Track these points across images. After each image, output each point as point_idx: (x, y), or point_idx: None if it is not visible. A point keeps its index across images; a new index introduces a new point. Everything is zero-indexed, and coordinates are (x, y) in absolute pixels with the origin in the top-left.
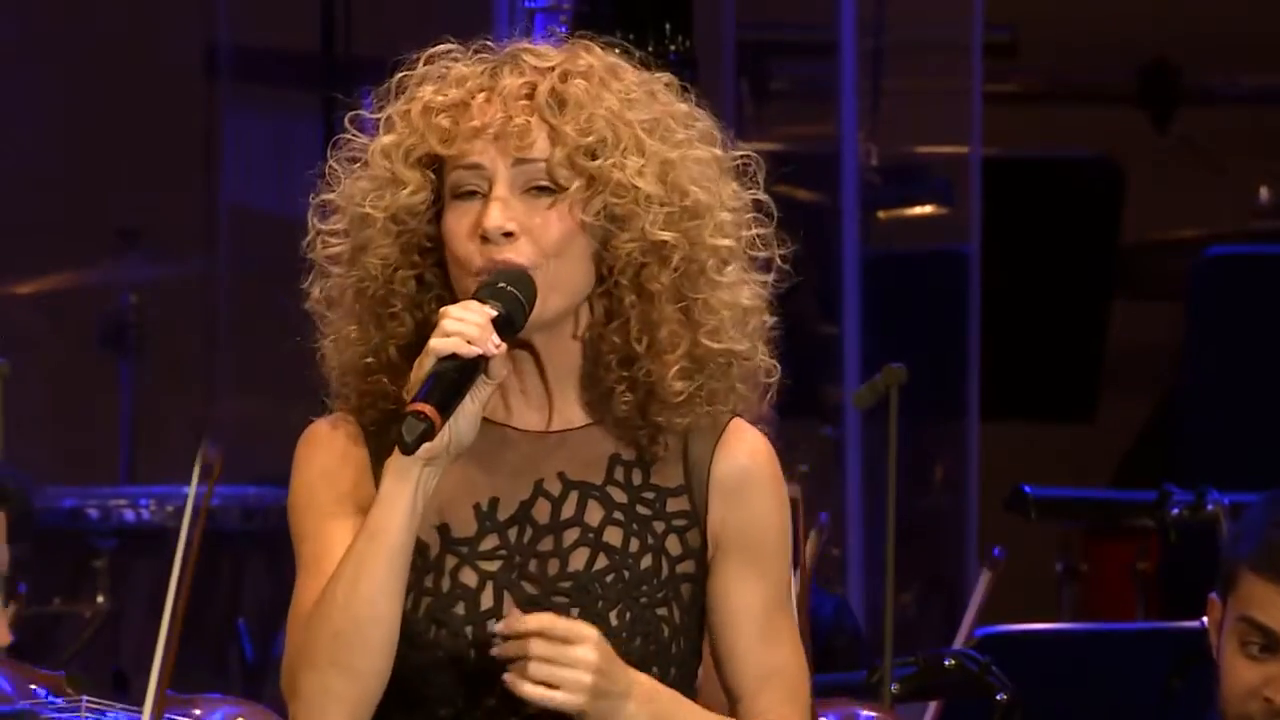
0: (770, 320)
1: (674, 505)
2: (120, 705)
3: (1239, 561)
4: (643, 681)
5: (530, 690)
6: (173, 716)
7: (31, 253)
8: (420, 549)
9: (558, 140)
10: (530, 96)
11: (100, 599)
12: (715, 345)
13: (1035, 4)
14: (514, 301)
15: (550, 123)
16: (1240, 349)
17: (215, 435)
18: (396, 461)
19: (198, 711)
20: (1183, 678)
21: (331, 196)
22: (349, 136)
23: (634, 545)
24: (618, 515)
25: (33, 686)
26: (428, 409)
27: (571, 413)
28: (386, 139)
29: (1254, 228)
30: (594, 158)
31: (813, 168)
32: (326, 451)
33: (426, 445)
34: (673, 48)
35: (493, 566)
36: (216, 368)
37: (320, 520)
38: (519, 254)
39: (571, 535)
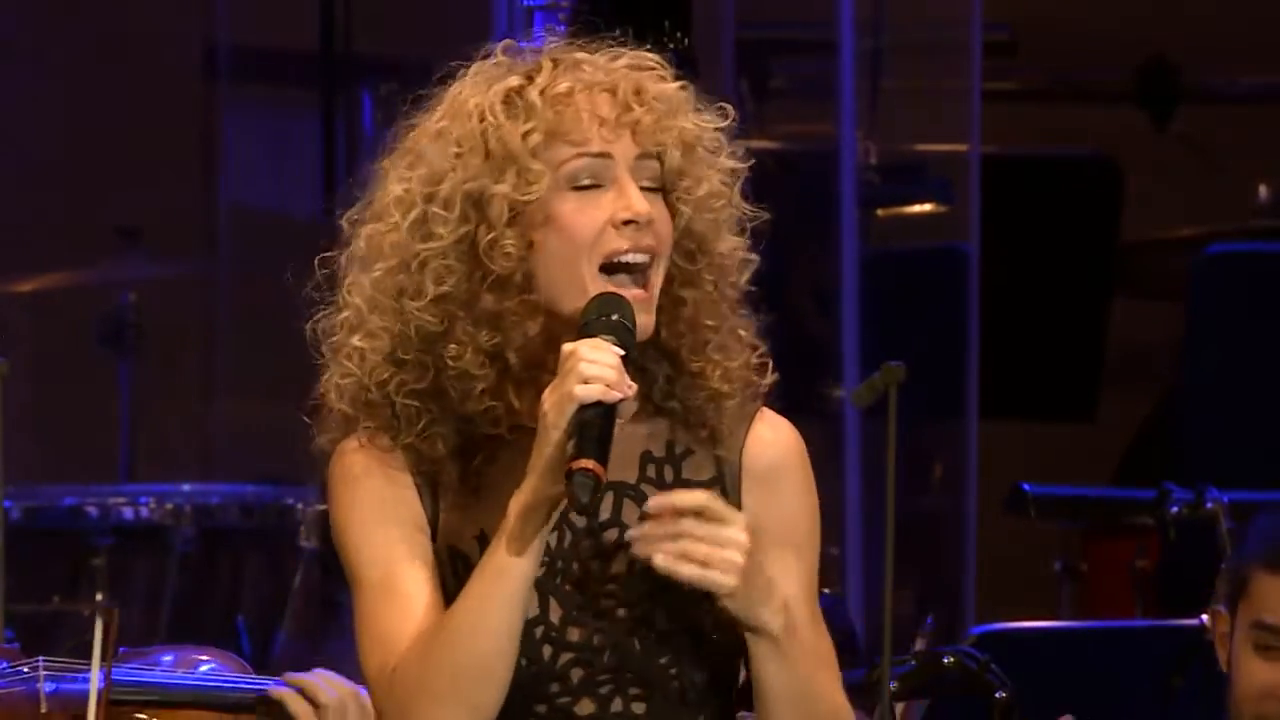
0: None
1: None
2: (79, 662)
3: (1250, 564)
4: (780, 590)
5: (686, 570)
6: (138, 666)
7: (31, 251)
8: (463, 560)
9: (680, 142)
10: (639, 94)
11: (99, 597)
12: (753, 343)
13: (1034, 3)
14: (625, 332)
15: (668, 121)
16: (1240, 347)
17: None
18: (525, 501)
19: (169, 657)
20: (1182, 676)
21: (413, 185)
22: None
23: None
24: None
25: None
26: (593, 465)
27: None
28: (516, 126)
29: (1253, 226)
30: (705, 163)
31: (812, 166)
32: (364, 469)
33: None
34: (671, 46)
35: (538, 573)
36: (215, 367)
37: (377, 541)
38: (654, 240)
39: (611, 536)
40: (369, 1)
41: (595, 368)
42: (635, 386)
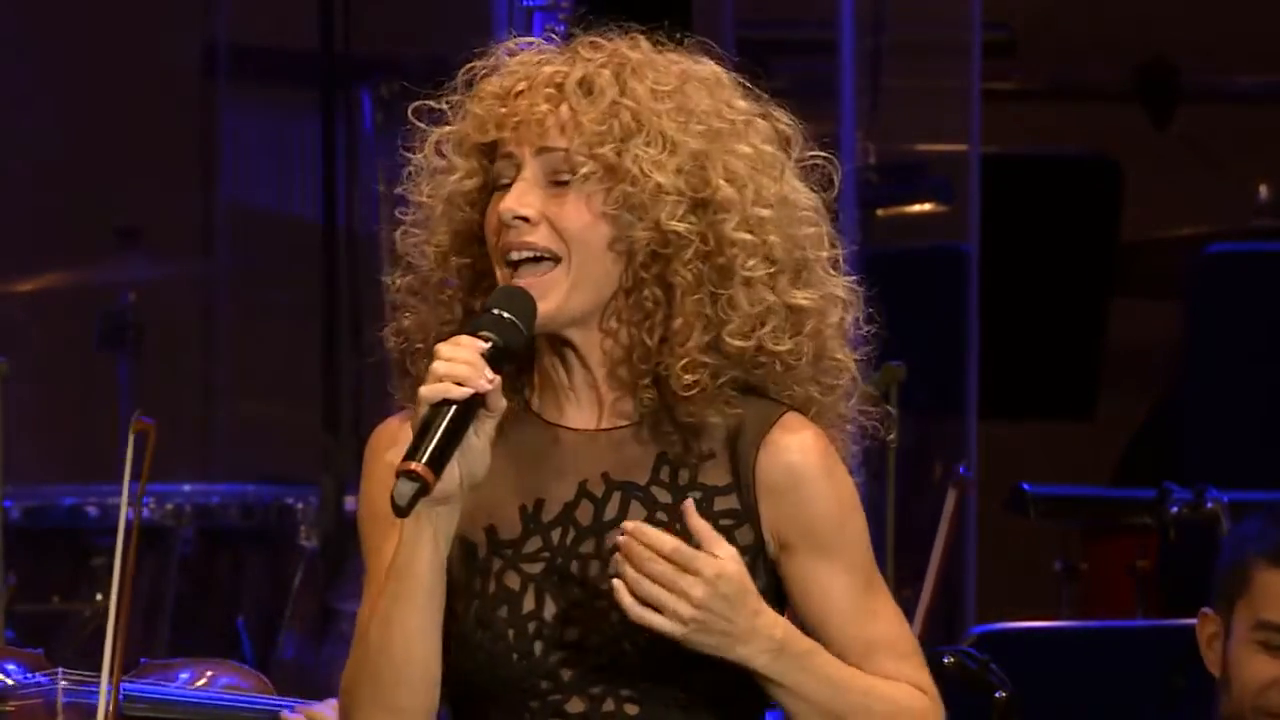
0: (847, 320)
1: (722, 504)
2: (96, 675)
3: (1251, 561)
4: (771, 632)
5: (631, 606)
6: (153, 680)
7: (31, 251)
8: (470, 550)
9: (576, 129)
10: (560, 86)
11: (99, 597)
12: (741, 342)
13: (1034, 2)
14: (509, 328)
15: (573, 110)
16: (1239, 347)
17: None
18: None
19: (184, 674)
20: (1182, 675)
21: (410, 189)
22: (429, 130)
23: None
24: (661, 515)
25: (10, 665)
26: (418, 468)
27: (621, 410)
28: (444, 129)
29: (1253, 225)
30: (613, 147)
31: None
32: (382, 459)
33: (431, 494)
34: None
35: (535, 569)
36: (215, 366)
37: (380, 535)
38: (538, 238)
39: (613, 537)
40: (369, 1)
41: (446, 366)
42: (497, 379)
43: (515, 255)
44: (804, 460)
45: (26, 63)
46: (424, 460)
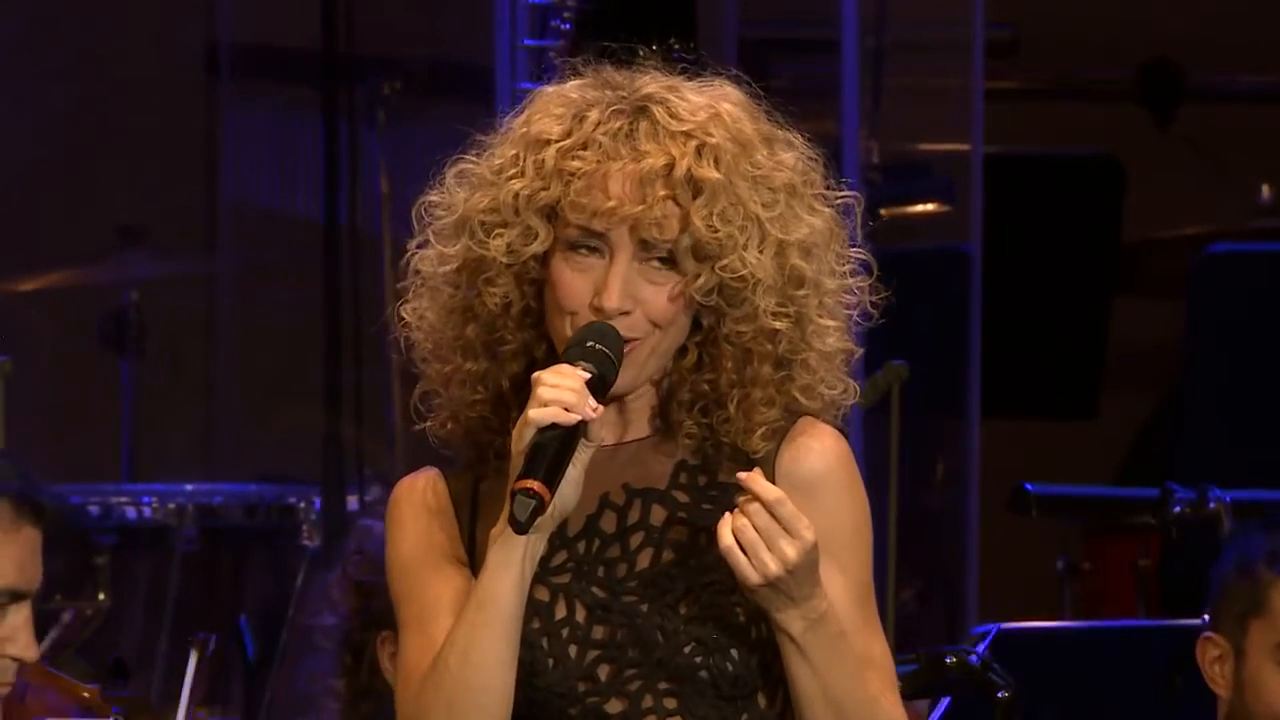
0: (855, 350)
1: (742, 498)
2: None
3: (1267, 583)
4: (818, 603)
5: (726, 541)
6: None
7: (33, 250)
8: None
9: (687, 226)
10: (668, 175)
11: (101, 596)
12: (807, 401)
13: (1036, 1)
14: (604, 359)
15: (683, 206)
16: (1241, 347)
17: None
18: (501, 530)
19: None
20: (1184, 675)
21: (445, 215)
22: (468, 146)
23: (702, 539)
24: (681, 515)
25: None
26: (536, 485)
27: (640, 424)
28: (518, 184)
29: (1255, 225)
30: (719, 246)
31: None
32: (414, 511)
33: (545, 513)
34: (675, 46)
35: (563, 579)
36: (218, 365)
37: (417, 581)
38: (631, 329)
39: (637, 539)
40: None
41: (553, 391)
42: (600, 409)
43: None
44: (826, 463)
45: (29, 60)
46: (539, 478)
